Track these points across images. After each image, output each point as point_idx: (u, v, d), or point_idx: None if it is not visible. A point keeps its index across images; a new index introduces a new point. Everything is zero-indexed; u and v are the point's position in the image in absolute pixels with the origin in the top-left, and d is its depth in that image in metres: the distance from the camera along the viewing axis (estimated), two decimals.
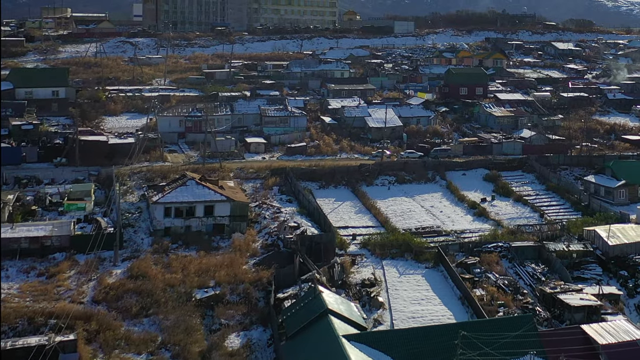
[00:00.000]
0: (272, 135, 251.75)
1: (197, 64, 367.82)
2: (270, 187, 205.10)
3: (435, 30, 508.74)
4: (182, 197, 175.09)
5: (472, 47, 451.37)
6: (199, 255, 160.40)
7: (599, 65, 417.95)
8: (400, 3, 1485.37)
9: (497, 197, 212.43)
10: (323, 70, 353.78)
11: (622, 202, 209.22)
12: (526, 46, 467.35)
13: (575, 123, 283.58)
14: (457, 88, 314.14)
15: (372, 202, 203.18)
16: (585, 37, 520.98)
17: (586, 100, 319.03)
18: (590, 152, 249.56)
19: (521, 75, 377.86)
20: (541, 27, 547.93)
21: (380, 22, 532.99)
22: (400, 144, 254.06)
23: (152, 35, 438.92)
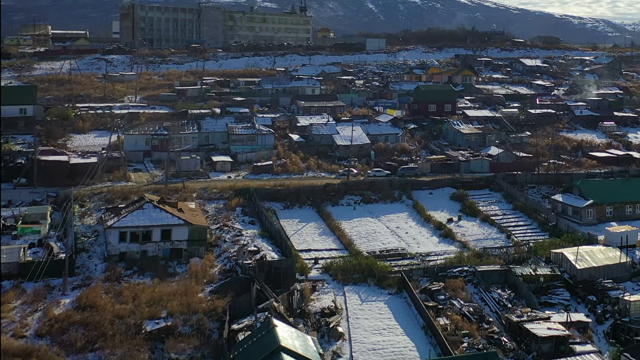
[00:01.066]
0: (239, 153, 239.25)
1: (171, 80, 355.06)
2: (233, 208, 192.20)
3: (406, 47, 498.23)
4: (138, 221, 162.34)
5: (442, 64, 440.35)
6: (153, 283, 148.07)
7: (566, 81, 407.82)
8: (376, 20, 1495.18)
9: (464, 216, 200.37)
10: (294, 87, 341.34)
11: (590, 222, 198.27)
12: (495, 63, 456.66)
13: (543, 140, 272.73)
14: (426, 105, 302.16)
15: (337, 223, 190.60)
16: (552, 53, 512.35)
17: (553, 116, 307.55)
18: (557, 170, 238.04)
19: (490, 91, 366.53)
20: (510, 44, 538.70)
21: (352, 39, 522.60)
22: (368, 161, 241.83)
23: (127, 52, 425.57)
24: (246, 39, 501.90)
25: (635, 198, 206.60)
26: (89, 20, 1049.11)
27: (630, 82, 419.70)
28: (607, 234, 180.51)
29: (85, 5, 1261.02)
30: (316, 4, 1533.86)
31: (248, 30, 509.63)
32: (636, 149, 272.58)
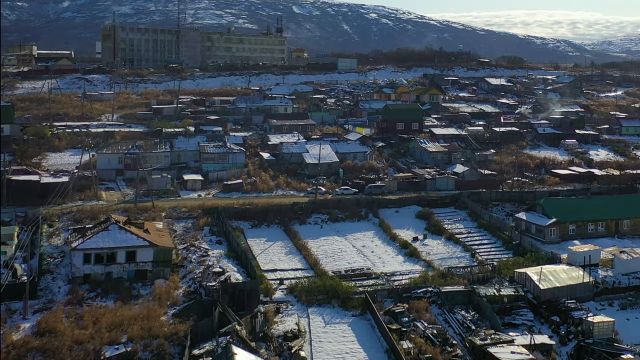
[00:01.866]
0: (210, 171, 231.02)
1: (148, 99, 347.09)
2: (201, 228, 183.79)
3: (376, 67, 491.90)
4: (103, 243, 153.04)
5: (410, 83, 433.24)
6: (115, 306, 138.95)
7: (530, 100, 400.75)
8: (350, 41, 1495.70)
9: (429, 235, 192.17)
10: (267, 105, 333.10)
11: (553, 240, 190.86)
12: (461, 82, 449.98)
13: (507, 157, 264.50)
14: (394, 123, 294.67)
15: (304, 242, 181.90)
16: (516, 73, 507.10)
17: (517, 134, 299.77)
18: (521, 187, 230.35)
19: (456, 109, 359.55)
20: (475, 63, 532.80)
21: (325, 60, 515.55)
22: (336, 179, 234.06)
23: (107, 72, 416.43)
24: (223, 59, 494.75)
25: (597, 216, 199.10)
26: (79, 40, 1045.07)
27: (590, 100, 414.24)
28: (570, 253, 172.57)
29: (76, 27, 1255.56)
30: (294, 25, 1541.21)
31: (225, 51, 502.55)
32: (597, 166, 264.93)
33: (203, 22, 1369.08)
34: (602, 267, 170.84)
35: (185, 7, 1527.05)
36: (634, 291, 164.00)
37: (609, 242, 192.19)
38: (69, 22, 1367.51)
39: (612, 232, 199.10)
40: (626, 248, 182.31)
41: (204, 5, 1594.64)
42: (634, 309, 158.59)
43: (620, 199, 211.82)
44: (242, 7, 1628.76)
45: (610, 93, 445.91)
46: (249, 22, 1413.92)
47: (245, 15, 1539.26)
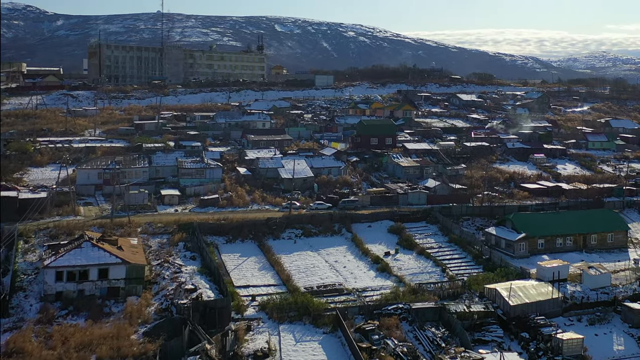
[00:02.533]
0: (188, 186, 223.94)
1: (131, 115, 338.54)
2: (176, 243, 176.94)
3: (352, 83, 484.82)
4: (75, 261, 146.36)
5: (385, 99, 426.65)
6: (86, 324, 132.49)
7: (499, 115, 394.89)
8: (329, 57, 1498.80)
9: (401, 249, 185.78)
10: (246, 121, 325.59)
11: (522, 255, 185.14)
12: (434, 97, 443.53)
13: (478, 172, 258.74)
14: (368, 138, 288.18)
15: (277, 258, 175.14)
16: (486, 89, 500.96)
17: (487, 149, 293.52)
18: (491, 201, 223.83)
19: (429, 124, 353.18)
20: (447, 80, 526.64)
21: (303, 76, 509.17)
22: (311, 194, 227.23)
23: (92, 88, 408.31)
24: (205, 75, 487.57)
25: (565, 231, 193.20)
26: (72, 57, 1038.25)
27: (558, 115, 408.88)
28: (539, 268, 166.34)
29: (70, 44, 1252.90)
30: (276, 43, 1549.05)
31: (207, 68, 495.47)
32: (565, 180, 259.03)
33: (190, 40, 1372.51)
34: (570, 282, 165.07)
35: (174, 25, 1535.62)
36: (602, 306, 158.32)
37: (577, 256, 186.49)
38: (63, 39, 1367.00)
39: (580, 246, 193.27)
40: (594, 263, 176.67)
41: (190, 24, 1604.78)
42: (603, 324, 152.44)
43: (588, 214, 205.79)
44: (227, 25, 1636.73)
45: (577, 108, 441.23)
46: (233, 40, 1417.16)
47: (230, 34, 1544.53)
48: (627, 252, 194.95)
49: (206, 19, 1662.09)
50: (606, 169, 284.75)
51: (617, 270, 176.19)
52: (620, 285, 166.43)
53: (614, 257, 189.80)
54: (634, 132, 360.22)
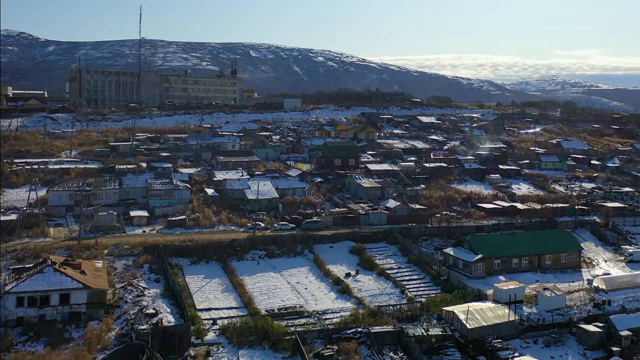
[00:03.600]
0: (156, 207, 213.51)
1: (108, 137, 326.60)
2: (141, 265, 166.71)
3: (319, 106, 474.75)
4: (37, 286, 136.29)
5: (349, 121, 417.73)
6: (45, 351, 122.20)
7: (457, 136, 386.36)
8: (300, 81, 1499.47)
9: (362, 270, 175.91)
10: (216, 142, 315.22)
11: (480, 276, 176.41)
12: (395, 119, 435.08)
13: (436, 192, 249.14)
14: (332, 159, 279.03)
15: (240, 279, 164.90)
16: (445, 111, 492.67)
17: (446, 169, 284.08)
18: (449, 221, 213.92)
19: (390, 145, 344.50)
20: (408, 103, 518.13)
21: (272, 99, 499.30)
22: (276, 214, 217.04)
23: (71, 110, 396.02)
24: (180, 98, 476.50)
25: (521, 251, 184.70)
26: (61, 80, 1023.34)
27: (512, 136, 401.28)
28: (496, 290, 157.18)
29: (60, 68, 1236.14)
30: (251, 67, 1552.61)
31: (182, 91, 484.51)
32: (520, 200, 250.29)
33: (171, 64, 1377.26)
34: (526, 303, 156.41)
35: (156, 51, 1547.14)
36: (558, 328, 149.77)
37: (532, 276, 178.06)
38: (53, 64, 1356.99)
39: (535, 266, 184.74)
40: (549, 284, 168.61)
41: (172, 49, 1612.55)
42: (558, 346, 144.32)
43: (543, 235, 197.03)
44: (206, 51, 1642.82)
45: (530, 130, 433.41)
46: (211, 65, 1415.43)
47: (209, 59, 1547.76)
48: (581, 272, 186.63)
49: (186, 45, 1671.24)
50: (559, 188, 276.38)
51: (572, 291, 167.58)
52: (575, 307, 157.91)
53: (568, 277, 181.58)
54: (584, 152, 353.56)
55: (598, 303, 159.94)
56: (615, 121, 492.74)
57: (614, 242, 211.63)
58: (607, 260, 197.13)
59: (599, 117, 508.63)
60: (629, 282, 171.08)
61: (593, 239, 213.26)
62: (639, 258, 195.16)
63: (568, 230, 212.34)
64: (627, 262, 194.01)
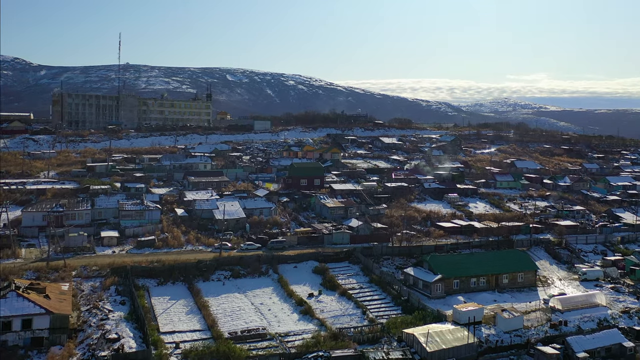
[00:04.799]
0: (127, 228, 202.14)
1: (86, 157, 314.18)
2: (108, 287, 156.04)
3: (287, 127, 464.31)
4: None
5: (316, 142, 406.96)
6: None
7: (417, 156, 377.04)
8: (273, 103, 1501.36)
9: (324, 290, 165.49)
10: (189, 163, 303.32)
11: (439, 295, 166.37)
12: (359, 140, 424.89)
13: (397, 211, 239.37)
14: (298, 179, 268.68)
15: (205, 301, 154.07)
16: (406, 132, 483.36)
17: (406, 189, 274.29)
18: (409, 240, 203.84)
19: (354, 165, 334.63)
20: (372, 124, 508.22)
21: (243, 121, 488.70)
22: (243, 234, 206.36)
23: (52, 132, 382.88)
24: (157, 120, 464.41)
25: (479, 271, 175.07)
26: None
27: (469, 156, 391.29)
28: (455, 312, 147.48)
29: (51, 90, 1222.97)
30: (228, 90, 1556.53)
31: (159, 114, 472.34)
32: (477, 218, 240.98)
33: (154, 87, 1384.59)
34: (485, 324, 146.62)
35: (140, 75, 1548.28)
36: (516, 349, 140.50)
37: (489, 296, 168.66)
38: (45, 87, 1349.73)
39: (493, 285, 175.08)
40: (506, 304, 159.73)
41: (154, 73, 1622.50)
42: None
43: (499, 255, 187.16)
44: (186, 75, 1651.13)
45: (485, 150, 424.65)
46: (191, 88, 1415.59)
47: (188, 82, 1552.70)
48: (537, 291, 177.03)
49: (168, 70, 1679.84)
50: (513, 207, 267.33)
51: (529, 311, 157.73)
52: (532, 327, 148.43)
53: (524, 296, 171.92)
54: (537, 172, 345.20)
55: (555, 324, 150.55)
56: (565, 142, 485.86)
57: (567, 260, 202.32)
58: (561, 278, 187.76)
59: (549, 138, 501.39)
60: (584, 302, 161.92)
61: (547, 257, 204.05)
62: (592, 277, 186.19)
63: (523, 249, 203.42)
64: (580, 281, 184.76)
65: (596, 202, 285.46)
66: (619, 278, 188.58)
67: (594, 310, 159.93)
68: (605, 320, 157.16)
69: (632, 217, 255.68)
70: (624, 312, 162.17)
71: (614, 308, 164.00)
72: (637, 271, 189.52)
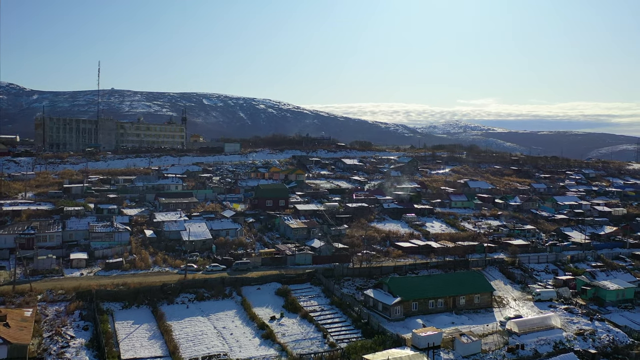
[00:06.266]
0: (97, 249, 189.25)
1: (64, 178, 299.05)
2: (72, 312, 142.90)
3: (256, 149, 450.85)
4: None
5: (282, 163, 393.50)
6: None
7: (376, 176, 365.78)
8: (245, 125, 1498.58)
9: (286, 313, 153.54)
10: (161, 184, 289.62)
11: (398, 318, 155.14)
12: (323, 162, 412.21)
13: (358, 231, 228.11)
14: (264, 200, 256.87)
15: (168, 325, 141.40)
16: (366, 154, 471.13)
17: (367, 209, 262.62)
18: (369, 260, 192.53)
19: (317, 185, 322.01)
20: (334, 146, 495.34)
21: (214, 143, 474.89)
22: (209, 255, 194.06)
23: (33, 154, 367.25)
24: (133, 143, 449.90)
25: (437, 293, 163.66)
26: None
27: (425, 177, 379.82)
28: (415, 336, 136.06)
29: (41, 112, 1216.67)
30: (204, 113, 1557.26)
31: (135, 137, 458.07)
32: (434, 238, 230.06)
33: (137, 110, 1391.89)
34: (444, 349, 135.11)
35: (124, 99, 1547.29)
36: None
37: (447, 318, 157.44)
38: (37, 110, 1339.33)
39: (450, 307, 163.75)
40: (464, 326, 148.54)
41: (137, 98, 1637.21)
42: None
43: (456, 276, 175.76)
44: (166, 99, 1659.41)
45: (440, 170, 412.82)
46: (170, 111, 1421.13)
47: (168, 106, 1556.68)
48: (493, 312, 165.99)
49: (149, 94, 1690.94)
50: (468, 226, 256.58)
51: (486, 334, 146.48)
52: (490, 351, 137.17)
53: (481, 317, 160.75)
54: (488, 191, 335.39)
55: (512, 348, 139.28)
56: (514, 162, 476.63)
57: (521, 280, 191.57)
58: (516, 299, 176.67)
59: (499, 159, 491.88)
60: (539, 325, 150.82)
61: (502, 277, 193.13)
62: (546, 297, 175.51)
63: (479, 269, 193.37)
64: (535, 302, 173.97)
65: (545, 221, 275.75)
66: (571, 298, 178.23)
67: (549, 332, 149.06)
68: (561, 342, 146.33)
69: (579, 236, 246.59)
70: (579, 334, 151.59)
71: (569, 330, 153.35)
72: (588, 291, 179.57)
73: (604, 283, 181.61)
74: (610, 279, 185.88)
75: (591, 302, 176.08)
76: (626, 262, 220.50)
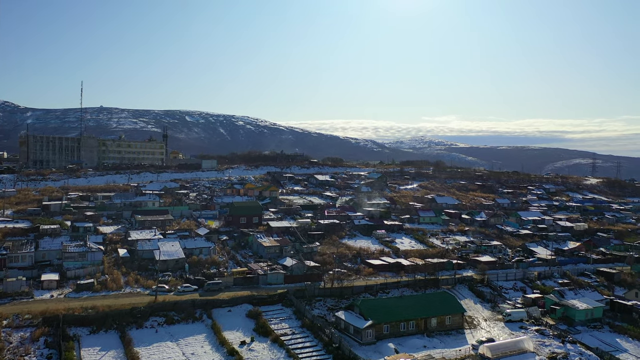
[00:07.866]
0: (70, 269, 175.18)
1: (45, 195, 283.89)
2: (37, 339, 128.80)
3: (232, 166, 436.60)
4: None
5: (257, 179, 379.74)
6: None
7: (348, 192, 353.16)
8: (225, 141, 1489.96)
9: (257, 337, 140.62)
10: (139, 201, 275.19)
11: (370, 341, 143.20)
12: (296, 177, 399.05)
13: (330, 248, 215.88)
14: (238, 218, 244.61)
15: (135, 352, 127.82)
16: (337, 170, 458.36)
17: (338, 226, 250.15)
18: (340, 279, 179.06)
19: (291, 201, 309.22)
20: (307, 163, 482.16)
21: (192, 160, 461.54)
22: (182, 274, 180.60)
23: (15, 171, 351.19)
24: (115, 160, 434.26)
25: (408, 316, 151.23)
26: None
27: (394, 192, 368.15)
28: None
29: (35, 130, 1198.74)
30: (186, 129, 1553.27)
31: (117, 153, 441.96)
32: (403, 254, 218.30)
33: (124, 127, 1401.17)
34: None
35: (112, 116, 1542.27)
36: None
37: (419, 341, 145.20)
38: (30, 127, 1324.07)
39: (422, 329, 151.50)
40: (437, 351, 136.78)
41: (124, 115, 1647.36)
42: None
43: (428, 297, 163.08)
44: (151, 116, 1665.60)
45: (408, 186, 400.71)
46: (155, 127, 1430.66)
47: (153, 122, 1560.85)
48: (464, 333, 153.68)
49: (135, 112, 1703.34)
50: (436, 242, 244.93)
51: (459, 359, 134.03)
52: None
53: (453, 340, 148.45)
54: (455, 207, 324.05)
55: None
56: (478, 178, 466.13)
57: (490, 299, 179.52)
58: (486, 319, 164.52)
59: (464, 175, 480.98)
60: (512, 349, 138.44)
61: (471, 296, 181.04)
62: (516, 318, 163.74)
63: (448, 287, 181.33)
64: (505, 322, 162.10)
65: (510, 237, 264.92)
66: (541, 318, 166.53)
67: (522, 357, 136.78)
68: None
69: (544, 252, 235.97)
70: (551, 357, 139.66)
71: (541, 353, 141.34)
72: (557, 310, 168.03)
73: (572, 302, 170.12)
74: (579, 298, 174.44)
75: (560, 322, 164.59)
76: (591, 279, 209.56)
